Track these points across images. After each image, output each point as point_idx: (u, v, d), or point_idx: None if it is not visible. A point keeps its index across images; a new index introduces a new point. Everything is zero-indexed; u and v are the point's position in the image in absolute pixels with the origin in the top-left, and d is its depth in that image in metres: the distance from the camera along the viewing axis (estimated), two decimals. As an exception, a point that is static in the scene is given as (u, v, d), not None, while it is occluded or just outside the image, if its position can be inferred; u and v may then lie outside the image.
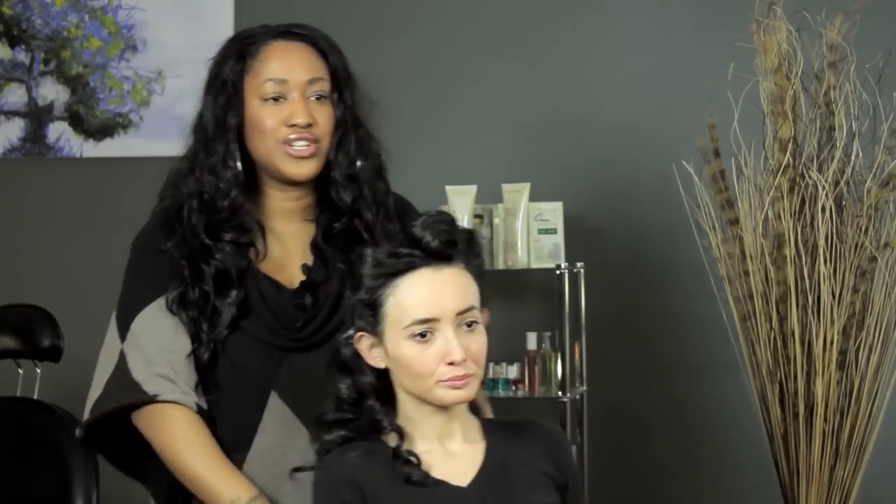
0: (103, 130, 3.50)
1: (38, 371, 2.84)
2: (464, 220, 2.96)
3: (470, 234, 1.79)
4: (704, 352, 3.12)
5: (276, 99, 1.93)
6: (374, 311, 1.74)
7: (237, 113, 1.96)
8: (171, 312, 1.92)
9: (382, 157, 2.01)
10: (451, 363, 1.71)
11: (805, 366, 2.42)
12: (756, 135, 2.50)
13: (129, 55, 3.50)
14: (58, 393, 2.88)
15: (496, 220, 3.04)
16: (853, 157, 2.43)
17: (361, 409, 1.78)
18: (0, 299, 2.87)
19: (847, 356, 2.42)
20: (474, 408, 1.84)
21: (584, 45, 3.31)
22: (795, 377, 2.42)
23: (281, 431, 1.92)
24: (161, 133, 3.45)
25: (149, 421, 1.89)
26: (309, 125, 1.92)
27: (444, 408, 1.75)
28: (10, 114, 3.54)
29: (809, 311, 2.40)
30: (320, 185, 1.99)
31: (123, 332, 1.94)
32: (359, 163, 1.96)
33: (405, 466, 1.73)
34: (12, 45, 3.54)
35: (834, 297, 2.39)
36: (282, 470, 1.88)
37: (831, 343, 2.39)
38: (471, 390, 1.74)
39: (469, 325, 1.73)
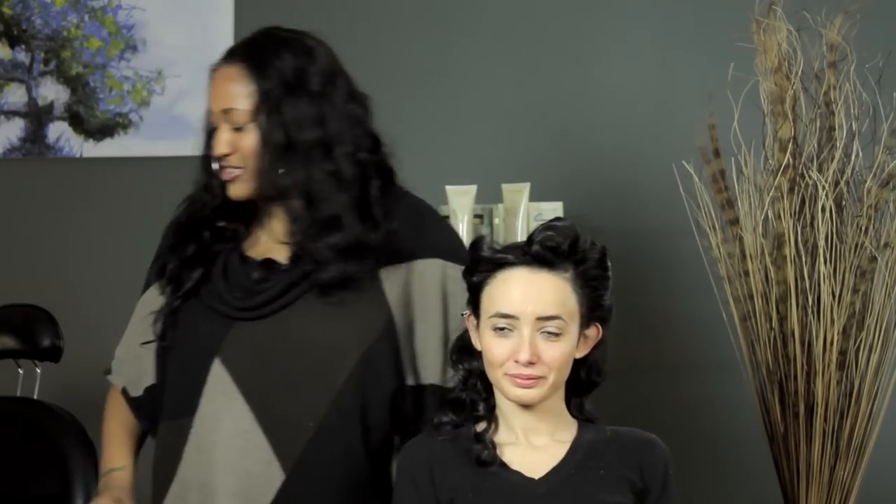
0: (103, 130, 3.50)
1: (38, 371, 2.84)
2: (464, 220, 2.96)
3: (585, 249, 1.84)
4: (704, 352, 3.12)
5: (209, 133, 2.09)
6: (476, 296, 1.85)
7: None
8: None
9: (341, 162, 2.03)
10: (517, 361, 1.79)
11: (805, 366, 2.42)
12: (756, 135, 2.50)
13: (129, 55, 3.49)
14: (58, 393, 2.88)
15: (496, 220, 3.03)
16: (853, 157, 2.43)
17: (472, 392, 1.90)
18: (0, 299, 2.87)
19: (847, 356, 2.42)
20: (580, 410, 1.91)
21: (584, 45, 3.31)
22: (795, 377, 2.42)
23: (220, 397, 1.97)
24: (161, 133, 3.45)
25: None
26: (226, 155, 2.03)
27: (526, 405, 1.83)
28: (10, 114, 3.54)
29: (809, 311, 2.40)
30: None
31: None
32: (289, 179, 2.02)
33: (477, 448, 1.82)
34: (12, 45, 3.54)
35: (834, 297, 2.39)
36: (220, 437, 1.96)
37: (831, 343, 2.39)
38: (536, 392, 1.82)
39: (550, 332, 1.78)
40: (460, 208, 2.95)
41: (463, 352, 1.90)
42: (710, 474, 3.14)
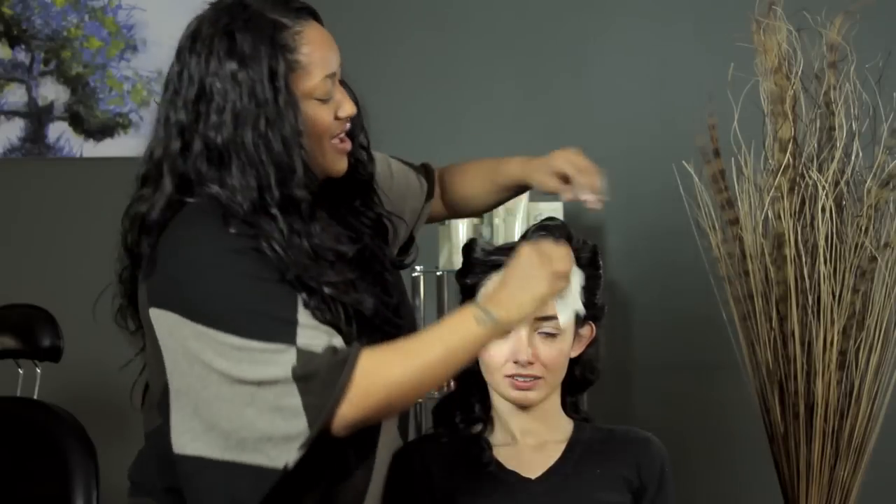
0: (103, 130, 3.50)
1: (38, 371, 2.84)
2: (464, 221, 2.96)
3: (578, 248, 1.85)
4: (704, 352, 3.12)
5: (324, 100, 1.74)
6: (470, 299, 1.83)
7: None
8: None
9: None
10: (516, 362, 1.78)
11: (805, 366, 2.42)
12: (756, 135, 2.50)
13: (129, 55, 3.49)
14: (58, 393, 2.88)
15: (496, 221, 3.03)
16: (853, 157, 2.43)
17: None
18: (0, 299, 2.87)
19: (847, 356, 2.42)
20: (575, 409, 1.91)
21: (584, 45, 3.31)
22: (795, 377, 2.42)
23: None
24: (161, 133, 3.45)
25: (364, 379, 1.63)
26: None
27: (523, 406, 1.83)
28: (10, 114, 3.54)
29: (809, 311, 2.40)
30: None
31: None
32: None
33: (473, 450, 1.82)
34: (12, 45, 3.54)
35: (834, 297, 2.39)
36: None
37: (831, 343, 2.39)
38: (536, 394, 1.83)
39: (548, 332, 1.79)
40: (460, 208, 2.95)
41: None
42: (710, 474, 3.15)
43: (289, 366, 1.58)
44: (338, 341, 1.62)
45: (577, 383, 1.90)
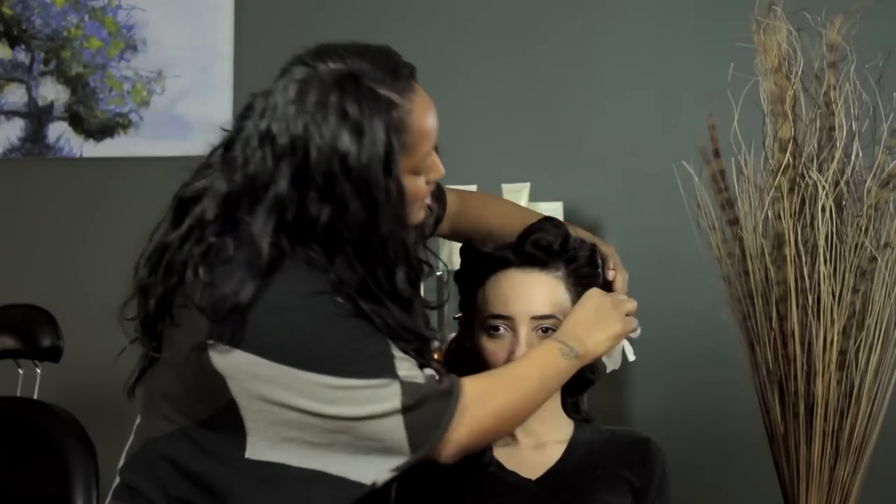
0: (103, 130, 3.50)
1: (38, 371, 2.84)
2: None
3: (575, 248, 1.83)
4: (704, 352, 3.12)
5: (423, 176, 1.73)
6: (470, 299, 1.85)
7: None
8: None
9: None
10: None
11: (805, 366, 2.41)
12: (756, 135, 2.49)
13: (129, 55, 3.50)
14: (58, 393, 2.88)
15: (496, 220, 3.03)
16: (853, 157, 2.43)
17: None
18: (0, 299, 2.87)
19: (847, 356, 2.41)
20: (576, 410, 1.91)
21: (584, 45, 3.31)
22: (795, 377, 2.42)
23: None
24: (161, 133, 3.45)
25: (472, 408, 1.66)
26: None
27: None
28: (10, 114, 3.54)
29: (809, 311, 2.40)
30: None
31: None
32: None
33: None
34: (12, 45, 3.54)
35: (834, 297, 2.39)
36: None
37: (831, 343, 2.39)
38: None
39: (545, 330, 1.79)
40: (460, 208, 2.95)
41: (456, 356, 1.89)
42: (711, 474, 3.15)
43: (396, 399, 1.58)
44: (428, 370, 1.63)
45: (577, 383, 1.90)
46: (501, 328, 1.80)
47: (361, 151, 1.58)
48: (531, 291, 1.80)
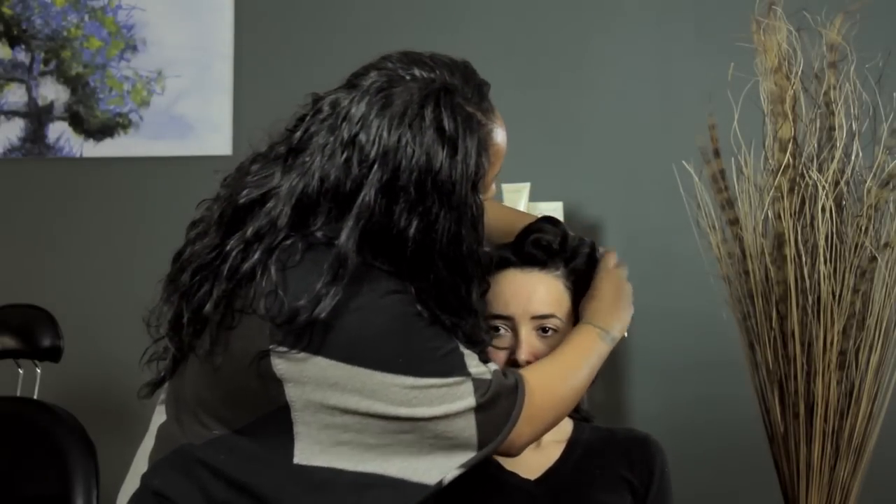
0: (103, 130, 3.50)
1: (38, 371, 2.84)
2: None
3: (574, 246, 1.84)
4: (704, 352, 3.12)
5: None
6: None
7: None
8: None
9: None
10: (515, 360, 1.77)
11: (805, 366, 2.41)
12: (756, 135, 2.50)
13: (129, 55, 3.50)
14: (58, 393, 2.88)
15: (496, 220, 3.03)
16: (853, 157, 2.43)
17: None
18: (0, 299, 2.87)
19: (847, 356, 2.41)
20: (575, 409, 1.90)
21: (584, 45, 3.31)
22: (795, 377, 2.42)
23: None
24: (161, 133, 3.45)
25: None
26: None
27: None
28: (10, 114, 3.54)
29: (809, 311, 2.40)
30: None
31: None
32: None
33: None
34: (12, 45, 3.54)
35: (834, 297, 2.39)
36: None
37: (831, 343, 2.39)
38: None
39: (545, 330, 1.78)
40: (460, 208, 2.95)
41: None
42: (710, 474, 3.14)
43: (470, 397, 1.58)
44: (492, 364, 1.65)
45: None
46: (502, 328, 1.79)
47: (454, 168, 1.58)
48: (531, 291, 1.80)
